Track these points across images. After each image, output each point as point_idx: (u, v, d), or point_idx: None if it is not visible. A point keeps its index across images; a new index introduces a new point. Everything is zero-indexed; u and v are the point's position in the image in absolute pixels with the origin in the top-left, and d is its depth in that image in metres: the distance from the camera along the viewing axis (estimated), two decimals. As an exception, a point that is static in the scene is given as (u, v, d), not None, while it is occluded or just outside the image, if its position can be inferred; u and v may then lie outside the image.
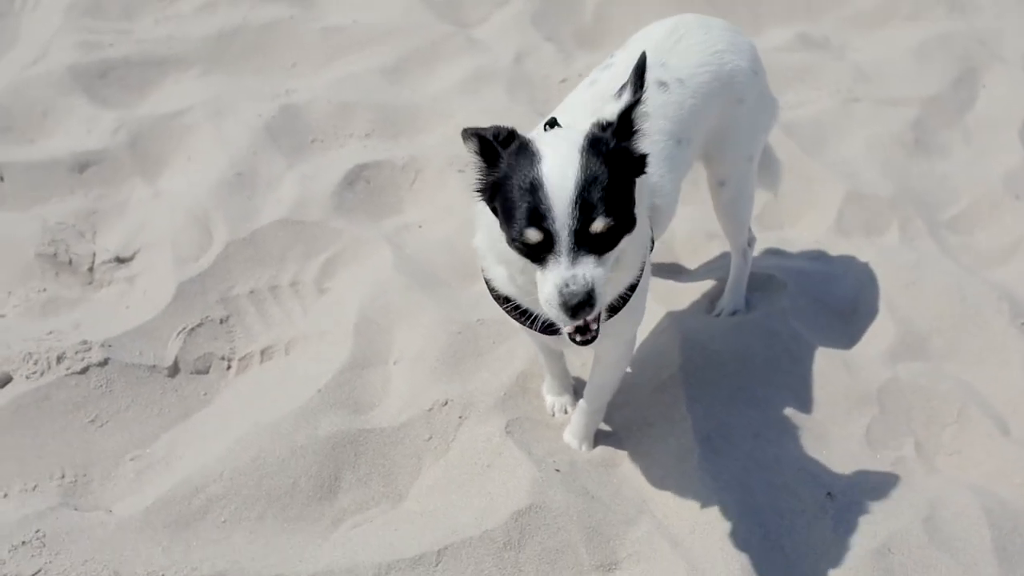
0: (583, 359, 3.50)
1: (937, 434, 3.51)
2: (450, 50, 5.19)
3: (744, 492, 3.12)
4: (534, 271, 2.37)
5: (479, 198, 2.46)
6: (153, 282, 3.75)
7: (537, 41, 5.37)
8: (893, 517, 3.09)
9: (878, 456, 3.37)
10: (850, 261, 4.14)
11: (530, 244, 2.30)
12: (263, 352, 3.57)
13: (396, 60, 5.08)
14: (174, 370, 3.44)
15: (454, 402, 3.30)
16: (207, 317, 3.61)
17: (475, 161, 2.41)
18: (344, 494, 3.09)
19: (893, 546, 3.01)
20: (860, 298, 3.98)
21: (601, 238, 2.29)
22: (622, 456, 3.24)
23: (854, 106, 5.18)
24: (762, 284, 3.95)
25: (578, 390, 3.36)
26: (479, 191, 2.44)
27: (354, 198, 4.24)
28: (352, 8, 5.38)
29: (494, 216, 2.45)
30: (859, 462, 3.31)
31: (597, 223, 2.27)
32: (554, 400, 3.37)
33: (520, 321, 2.70)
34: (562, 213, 2.25)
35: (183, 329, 3.55)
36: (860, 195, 4.50)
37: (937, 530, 3.08)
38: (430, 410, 3.28)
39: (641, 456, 3.23)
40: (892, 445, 3.43)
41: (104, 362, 3.34)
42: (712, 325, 3.75)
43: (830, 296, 3.98)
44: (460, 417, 3.28)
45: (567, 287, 2.28)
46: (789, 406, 3.46)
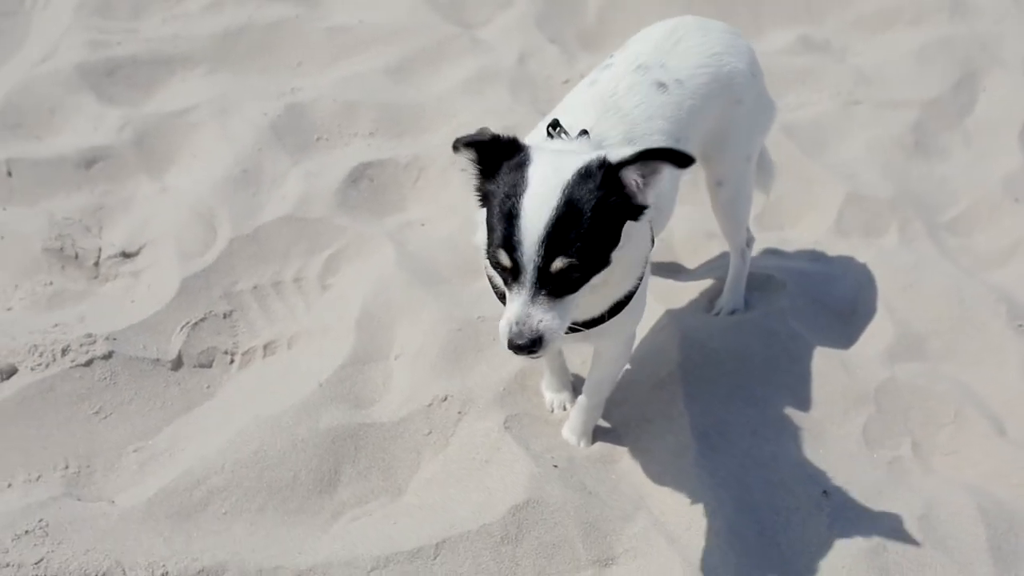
0: (582, 357, 3.52)
1: (934, 434, 3.52)
2: (454, 50, 5.21)
3: (741, 489, 3.14)
4: None
5: (478, 201, 2.50)
6: (158, 277, 3.77)
7: (540, 42, 5.39)
8: (889, 516, 3.10)
9: (875, 455, 3.38)
10: (849, 262, 4.16)
11: (502, 266, 2.36)
12: (266, 347, 3.60)
13: (401, 60, 5.09)
14: (177, 363, 3.47)
15: (454, 397, 3.33)
16: (211, 312, 3.64)
17: (472, 169, 2.44)
18: (344, 487, 3.11)
19: (888, 544, 3.02)
20: (859, 299, 3.99)
21: (562, 278, 2.32)
22: (620, 452, 3.26)
23: (855, 108, 5.19)
24: (761, 284, 3.96)
25: (577, 387, 3.38)
26: (477, 193, 2.48)
27: (358, 196, 4.27)
28: (357, 8, 5.40)
29: None
30: (856, 461, 3.32)
31: (557, 263, 2.29)
32: (553, 396, 3.39)
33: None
34: (530, 248, 2.28)
35: (187, 323, 3.58)
36: (860, 196, 4.51)
37: (932, 529, 3.09)
38: (430, 405, 3.31)
39: (639, 452, 3.25)
40: (889, 445, 3.44)
41: (108, 355, 3.37)
42: (711, 324, 3.77)
43: (829, 296, 4.00)
44: (459, 412, 3.30)
45: (516, 326, 2.33)
46: (787, 405, 3.48)
